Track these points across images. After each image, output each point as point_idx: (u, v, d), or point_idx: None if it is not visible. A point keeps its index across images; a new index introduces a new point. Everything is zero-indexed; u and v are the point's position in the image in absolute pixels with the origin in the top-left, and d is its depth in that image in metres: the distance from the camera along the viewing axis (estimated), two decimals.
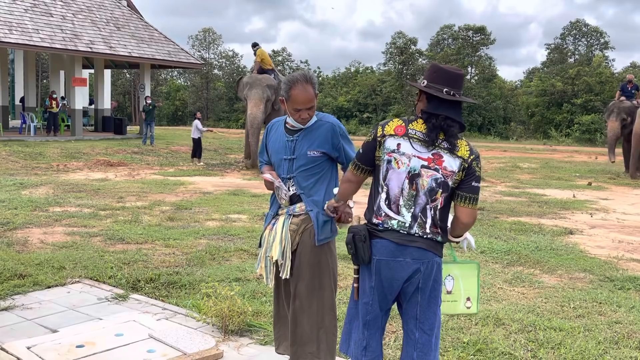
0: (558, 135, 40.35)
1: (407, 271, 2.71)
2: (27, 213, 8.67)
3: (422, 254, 2.71)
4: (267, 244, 3.27)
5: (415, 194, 2.70)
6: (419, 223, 2.71)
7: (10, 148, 17.65)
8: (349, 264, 6.18)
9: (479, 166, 2.73)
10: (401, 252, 2.70)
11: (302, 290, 3.19)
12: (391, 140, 2.71)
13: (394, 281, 2.73)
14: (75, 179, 13.31)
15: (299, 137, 3.19)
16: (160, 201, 10.37)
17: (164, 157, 19.47)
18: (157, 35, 25.23)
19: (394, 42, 51.84)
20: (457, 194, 2.73)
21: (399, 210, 2.72)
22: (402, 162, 2.69)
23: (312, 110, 3.13)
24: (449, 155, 2.69)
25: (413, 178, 2.69)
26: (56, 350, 3.74)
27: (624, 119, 17.23)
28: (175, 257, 6.27)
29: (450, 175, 2.69)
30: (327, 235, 3.24)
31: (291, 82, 3.11)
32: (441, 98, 2.69)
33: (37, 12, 21.49)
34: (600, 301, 5.09)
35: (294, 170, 3.19)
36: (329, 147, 3.17)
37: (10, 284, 5.10)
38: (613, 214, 10.40)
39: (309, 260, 3.19)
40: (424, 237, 2.71)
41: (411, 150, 2.69)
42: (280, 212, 3.27)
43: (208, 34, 64.23)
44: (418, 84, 2.80)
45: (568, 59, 51.76)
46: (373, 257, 2.74)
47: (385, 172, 2.73)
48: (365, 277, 2.80)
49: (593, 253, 7.15)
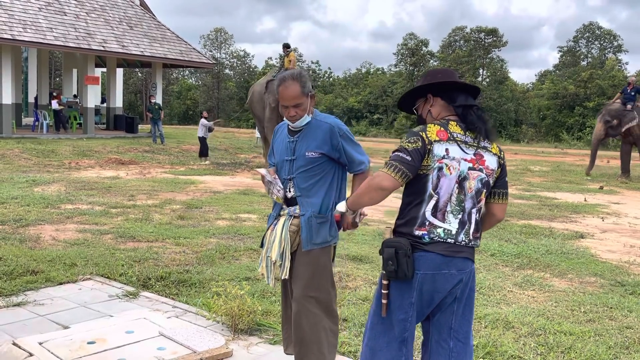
0: (570, 139, 40.09)
1: (451, 283, 2.62)
2: (39, 210, 8.75)
3: (466, 264, 2.64)
4: (268, 244, 3.29)
5: (463, 198, 2.62)
6: (466, 229, 2.63)
7: (23, 145, 17.80)
8: (358, 265, 6.18)
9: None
10: (447, 264, 2.59)
11: (301, 291, 3.19)
12: (439, 146, 2.58)
13: (435, 294, 2.63)
14: (87, 177, 13.40)
15: (299, 137, 3.21)
16: (171, 200, 10.42)
17: (175, 156, 19.55)
18: (170, 34, 25.35)
19: (405, 43, 51.82)
20: (492, 192, 2.73)
21: (445, 217, 2.60)
22: (454, 167, 2.59)
23: (299, 108, 3.14)
24: (488, 153, 2.67)
25: (462, 182, 2.61)
26: (67, 346, 3.78)
27: (608, 121, 17.05)
28: (185, 256, 6.30)
29: (492, 173, 2.68)
30: (324, 240, 3.20)
31: (280, 80, 3.16)
32: (462, 92, 2.68)
33: (51, 11, 21.66)
34: (611, 306, 5.06)
35: (294, 172, 3.21)
36: (328, 148, 3.16)
37: (22, 280, 5.15)
38: (625, 218, 10.32)
39: (308, 261, 3.18)
40: (469, 244, 2.64)
41: (460, 154, 2.61)
42: (282, 212, 3.28)
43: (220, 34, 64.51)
44: (433, 82, 2.72)
45: (581, 62, 51.46)
46: (417, 272, 2.59)
47: (436, 180, 2.59)
48: (404, 292, 2.63)
49: (604, 257, 7.10)
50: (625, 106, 16.84)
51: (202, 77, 63.49)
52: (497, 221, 2.81)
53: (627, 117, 16.69)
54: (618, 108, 17.05)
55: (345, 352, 3.90)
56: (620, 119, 16.80)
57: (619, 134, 17.19)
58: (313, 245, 3.18)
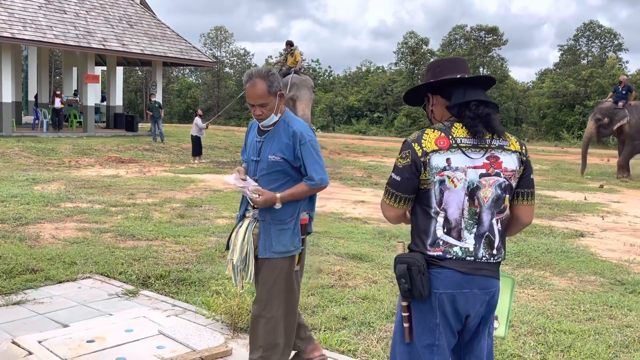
0: (570, 137, 40.06)
1: (475, 304, 2.33)
2: (39, 208, 8.74)
3: (489, 283, 2.35)
4: (233, 246, 3.22)
5: (479, 210, 2.31)
6: (485, 243, 2.32)
7: (23, 144, 17.80)
8: (358, 263, 6.18)
9: (528, 155, 2.44)
10: (468, 282, 2.30)
11: (263, 294, 3.13)
12: (437, 157, 2.27)
13: (460, 316, 2.34)
14: (87, 175, 13.40)
15: (265, 138, 3.12)
16: (171, 198, 10.41)
17: (175, 154, 19.54)
18: (170, 33, 25.33)
19: (406, 41, 51.76)
20: (515, 193, 2.40)
21: (461, 235, 2.30)
22: (458, 178, 2.28)
23: (265, 108, 3.03)
24: (504, 153, 2.34)
25: (473, 193, 2.30)
26: (67, 345, 3.77)
27: (599, 120, 17.07)
28: (185, 254, 6.30)
29: (512, 175, 2.35)
30: (285, 249, 3.10)
31: (247, 76, 3.06)
32: (461, 86, 2.35)
33: (50, 9, 21.64)
34: (611, 304, 5.06)
35: (257, 173, 3.12)
36: (289, 154, 3.05)
37: (22, 279, 5.15)
38: (625, 217, 10.32)
39: (265, 268, 3.13)
40: (491, 260, 2.34)
41: (465, 162, 2.28)
42: (247, 214, 3.20)
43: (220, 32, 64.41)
44: (426, 81, 2.45)
45: (581, 61, 51.40)
46: (435, 291, 2.29)
47: (439, 195, 2.29)
48: (426, 314, 2.32)
49: (604, 256, 7.10)
50: (617, 104, 16.88)
51: (203, 76, 63.45)
52: (523, 225, 2.48)
53: (618, 115, 16.76)
54: (609, 106, 17.09)
55: (344, 351, 3.89)
56: (612, 118, 16.85)
57: (611, 132, 17.30)
58: (272, 254, 3.08)
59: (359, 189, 13.07)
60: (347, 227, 8.31)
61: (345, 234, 7.76)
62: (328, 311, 4.59)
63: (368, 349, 3.94)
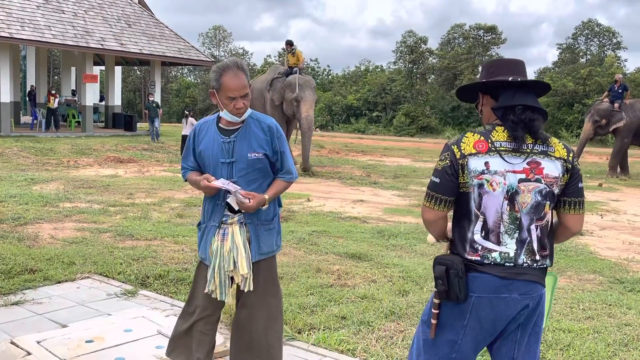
0: (569, 136, 40.06)
1: (514, 309, 2.29)
2: (37, 208, 8.73)
3: (531, 288, 2.30)
4: (221, 257, 2.96)
5: (518, 215, 2.28)
6: (527, 249, 2.29)
7: (21, 144, 17.79)
8: (357, 262, 6.17)
9: (578, 163, 2.36)
10: (507, 287, 2.27)
11: (254, 299, 3.06)
12: (476, 160, 2.27)
13: (497, 322, 2.31)
14: (86, 175, 13.39)
15: (237, 137, 2.95)
16: (170, 198, 10.41)
17: (174, 154, 19.53)
18: (168, 32, 25.32)
19: (404, 40, 51.73)
20: (562, 201, 2.35)
21: (500, 239, 2.28)
22: (497, 182, 2.26)
23: (247, 99, 2.89)
24: (547, 159, 2.29)
25: (513, 197, 2.27)
26: (66, 345, 3.77)
27: (597, 121, 17.16)
28: (184, 254, 6.29)
29: (555, 182, 2.29)
30: (270, 249, 3.06)
31: (221, 68, 2.88)
32: (511, 88, 2.32)
33: (49, 9, 21.62)
34: (610, 303, 5.06)
35: (235, 175, 2.94)
36: (269, 149, 2.96)
37: (20, 279, 5.15)
38: (624, 216, 10.33)
39: (257, 268, 3.05)
40: (533, 265, 2.30)
41: (503, 166, 2.26)
42: (230, 220, 2.99)
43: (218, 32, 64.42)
44: (479, 80, 2.44)
45: (580, 59, 51.44)
46: (471, 295, 2.29)
47: (478, 198, 2.28)
48: (455, 314, 2.34)
49: (603, 254, 7.10)
50: (613, 105, 16.99)
51: (201, 75, 63.39)
52: (571, 234, 2.44)
53: (615, 117, 16.94)
54: (607, 108, 17.19)
55: (343, 350, 3.89)
56: (609, 119, 17.00)
57: (607, 132, 17.50)
58: (260, 256, 3.03)
59: (358, 188, 13.06)
60: (346, 226, 8.30)
61: (344, 233, 7.75)
62: (327, 310, 4.58)
63: (367, 348, 3.94)
